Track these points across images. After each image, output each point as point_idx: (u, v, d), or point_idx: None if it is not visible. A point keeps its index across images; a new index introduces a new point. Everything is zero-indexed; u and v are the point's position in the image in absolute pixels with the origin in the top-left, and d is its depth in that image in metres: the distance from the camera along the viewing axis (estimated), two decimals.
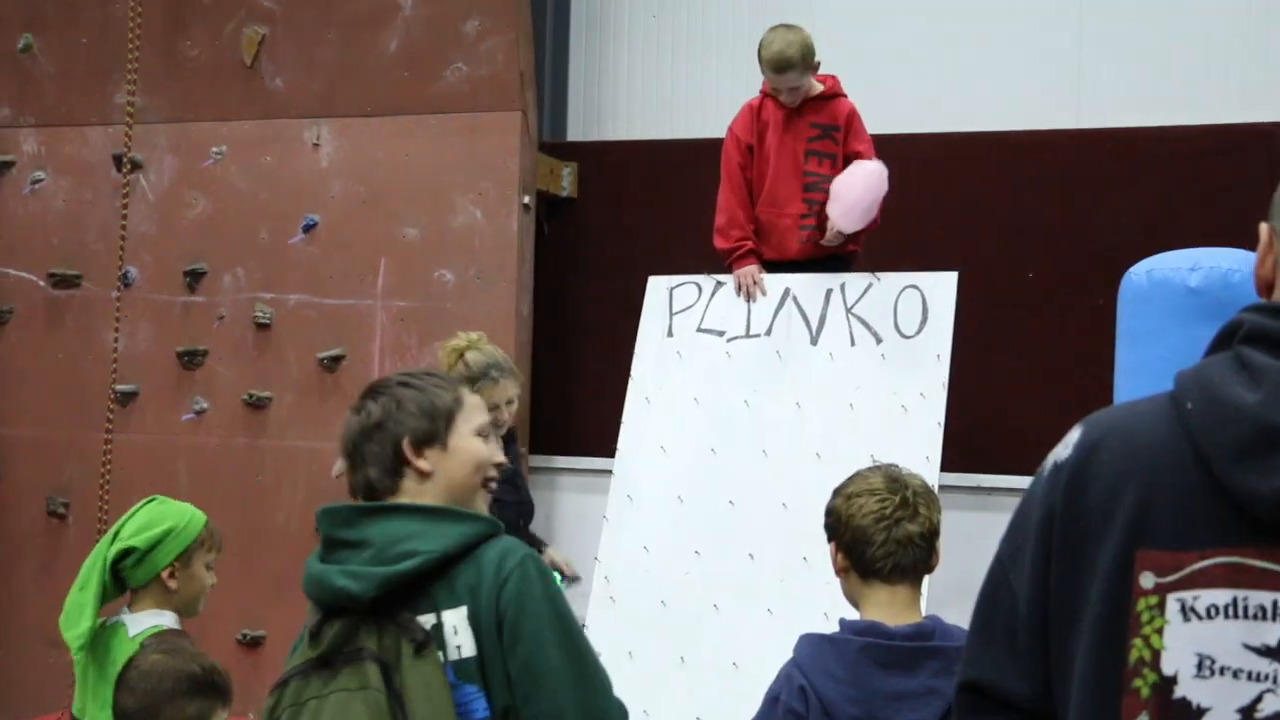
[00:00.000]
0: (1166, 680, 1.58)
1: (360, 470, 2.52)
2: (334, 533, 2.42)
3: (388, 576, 2.32)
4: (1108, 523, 1.63)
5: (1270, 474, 1.52)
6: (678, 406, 5.29)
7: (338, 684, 2.29)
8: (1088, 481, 1.66)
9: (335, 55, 6.76)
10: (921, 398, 4.98)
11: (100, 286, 6.97)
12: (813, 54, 5.21)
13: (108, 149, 7.00)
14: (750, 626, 4.80)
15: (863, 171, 5.19)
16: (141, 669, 2.90)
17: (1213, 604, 1.57)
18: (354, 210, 6.72)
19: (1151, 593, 1.59)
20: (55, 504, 7.04)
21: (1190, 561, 1.58)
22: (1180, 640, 1.58)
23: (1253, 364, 1.57)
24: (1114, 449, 1.66)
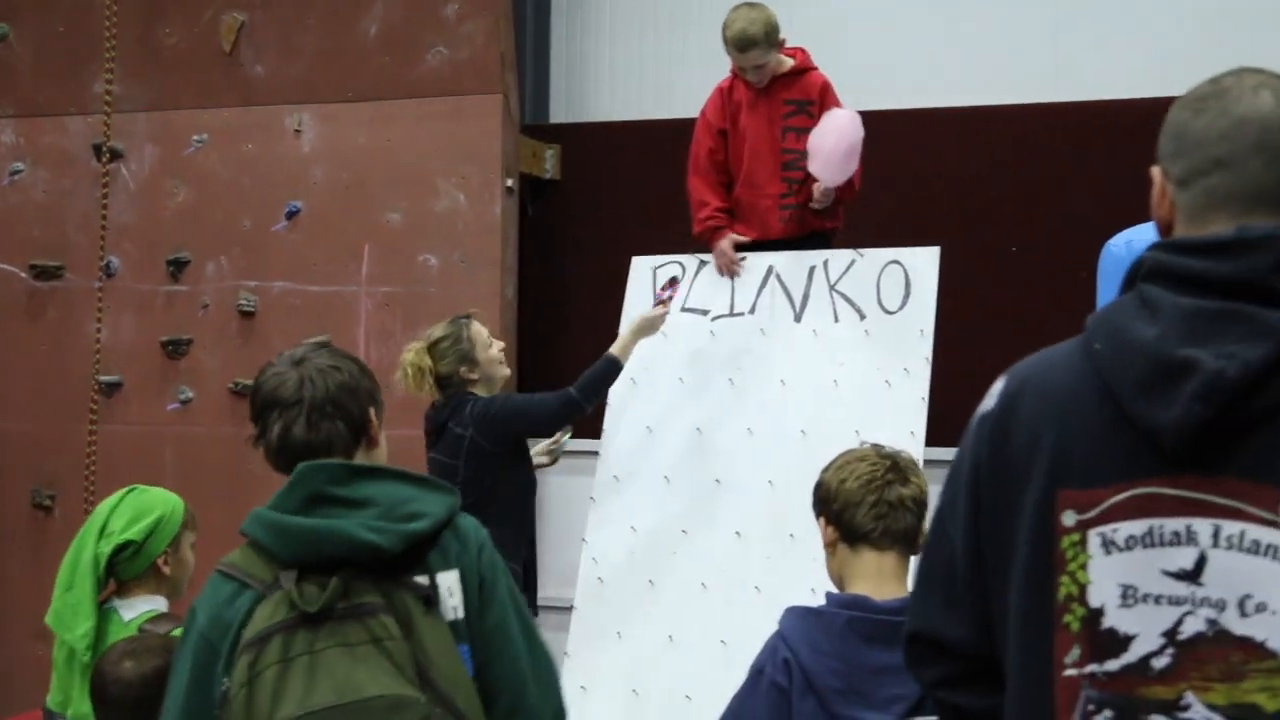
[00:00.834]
0: (1094, 612, 1.64)
1: (321, 425, 2.45)
2: (326, 490, 2.35)
3: (411, 534, 2.31)
4: (1030, 467, 1.69)
5: (1170, 405, 1.57)
6: (663, 386, 5.29)
7: (333, 639, 2.22)
8: (1010, 429, 1.72)
9: (315, 41, 6.74)
10: (905, 373, 4.98)
11: (82, 277, 6.95)
12: (777, 31, 5.17)
13: (87, 139, 6.97)
14: (738, 605, 4.81)
15: (834, 118, 5.15)
16: (123, 681, 2.88)
17: (1130, 535, 1.62)
18: (336, 196, 6.70)
19: (1073, 530, 1.65)
20: (41, 496, 7.03)
21: (1106, 496, 1.63)
22: (1104, 572, 1.63)
23: (1152, 300, 1.63)
24: (1032, 395, 1.72)
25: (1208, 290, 1.60)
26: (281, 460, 2.47)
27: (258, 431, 2.50)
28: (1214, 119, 1.69)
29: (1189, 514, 1.59)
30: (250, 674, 2.21)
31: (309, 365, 2.49)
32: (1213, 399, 1.56)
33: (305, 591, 2.25)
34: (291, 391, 2.46)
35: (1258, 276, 1.59)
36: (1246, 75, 1.72)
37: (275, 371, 2.50)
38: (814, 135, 5.15)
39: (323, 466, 2.38)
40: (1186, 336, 1.59)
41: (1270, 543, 1.56)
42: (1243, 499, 1.57)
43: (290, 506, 2.34)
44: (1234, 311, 1.58)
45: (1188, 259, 1.63)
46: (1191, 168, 1.70)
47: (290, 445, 2.46)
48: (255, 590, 2.32)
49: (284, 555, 2.32)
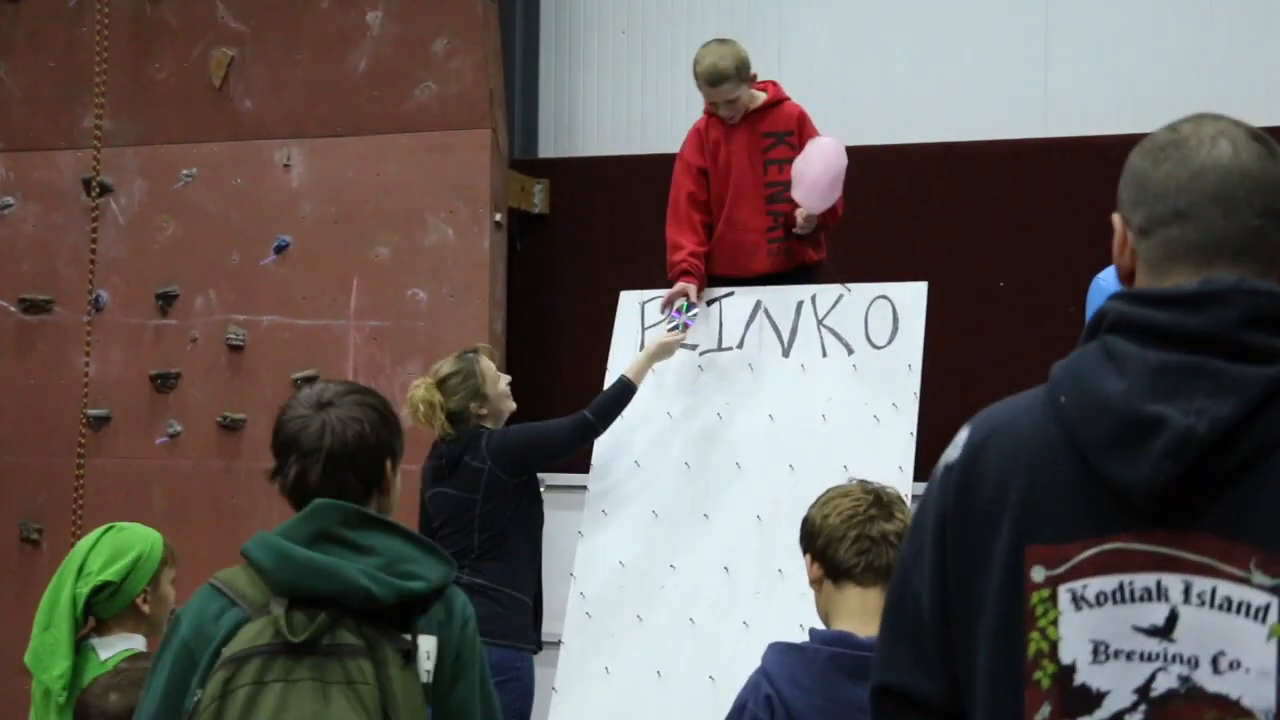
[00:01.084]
0: (1065, 669, 1.62)
1: (336, 476, 2.49)
2: (335, 529, 2.41)
3: (406, 591, 2.37)
4: (997, 521, 1.67)
5: (1140, 462, 1.57)
6: (651, 421, 5.29)
7: (308, 672, 2.29)
8: (975, 481, 1.70)
9: (304, 76, 6.76)
10: (894, 408, 4.99)
11: (71, 311, 6.94)
12: (748, 65, 5.17)
13: (77, 173, 6.98)
14: (726, 640, 4.79)
15: (819, 147, 5.15)
16: (107, 714, 2.87)
17: (1101, 591, 1.61)
18: (325, 230, 6.71)
19: (1043, 585, 1.63)
20: (29, 530, 7.00)
21: (1076, 552, 1.62)
22: (1074, 629, 1.62)
23: (1117, 353, 1.62)
24: (998, 447, 1.70)
25: (1174, 344, 1.60)
26: (294, 500, 2.52)
27: (275, 467, 2.56)
28: (1173, 169, 1.68)
29: (1159, 570, 1.59)
30: (223, 689, 2.27)
31: (332, 413, 2.52)
32: (1183, 456, 1.55)
33: (293, 621, 2.31)
34: (312, 439, 2.50)
35: (1224, 330, 1.58)
36: (1206, 123, 1.71)
37: (299, 415, 2.54)
38: (798, 162, 5.16)
39: (338, 507, 2.44)
40: (1154, 392, 1.58)
41: (1243, 600, 1.55)
42: (1214, 556, 1.57)
43: (298, 537, 2.40)
44: (1201, 366, 1.57)
45: (1152, 311, 1.62)
46: (1151, 218, 1.70)
47: (304, 490, 2.50)
48: (243, 611, 2.37)
49: (280, 582, 2.36)
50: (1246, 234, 1.65)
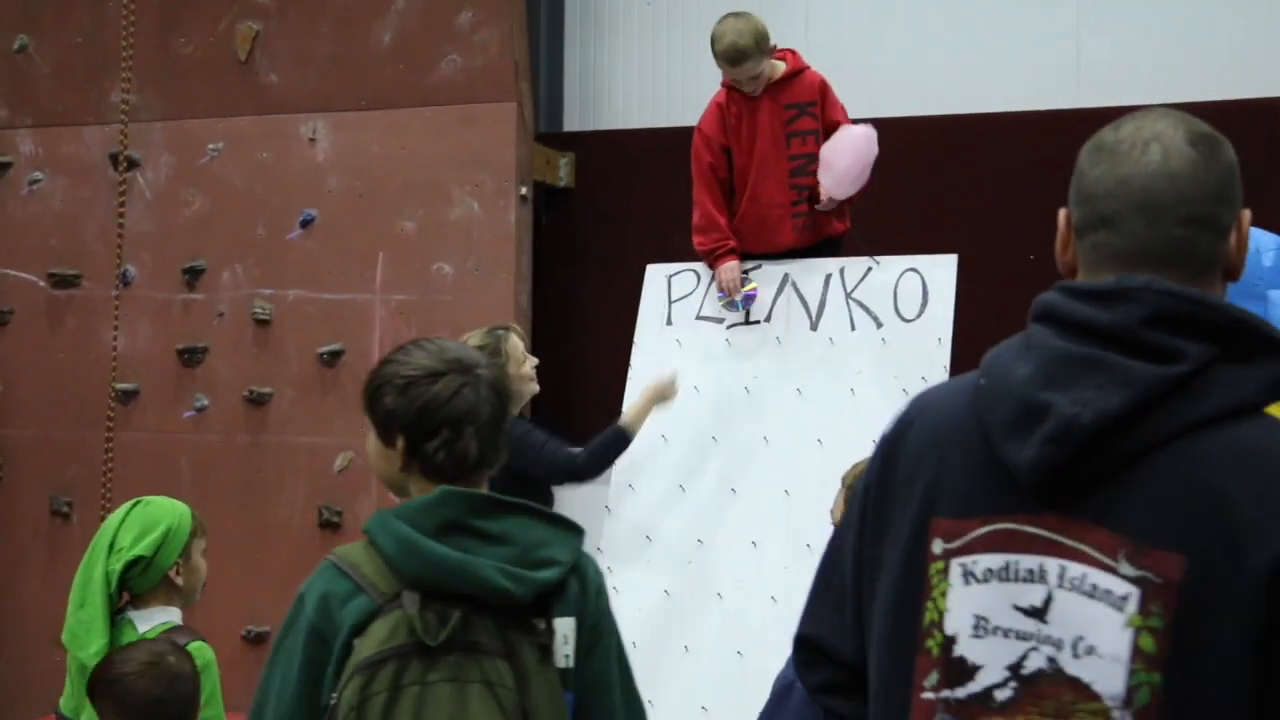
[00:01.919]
0: (949, 640, 1.68)
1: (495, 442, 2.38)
2: (467, 519, 2.29)
3: (542, 583, 2.29)
4: (909, 494, 1.74)
5: (1028, 444, 1.61)
6: (679, 395, 5.27)
7: (444, 673, 2.21)
8: (898, 456, 1.78)
9: (329, 49, 6.75)
10: (923, 381, 4.95)
11: (99, 285, 6.97)
12: (767, 38, 5.08)
13: (104, 148, 6.99)
14: (754, 614, 4.79)
15: (850, 137, 5.11)
16: (150, 696, 2.89)
17: (988, 568, 1.66)
18: (351, 204, 6.71)
19: (940, 558, 1.70)
20: (59, 503, 7.05)
21: (971, 528, 1.68)
22: (961, 602, 1.67)
23: (1033, 341, 1.67)
24: (922, 424, 1.78)
25: (1082, 336, 1.63)
26: (463, 468, 2.37)
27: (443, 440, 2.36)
28: (1104, 174, 1.70)
29: (1044, 553, 1.63)
30: (361, 697, 2.19)
31: (486, 374, 2.40)
32: (1064, 442, 1.59)
33: (427, 621, 2.23)
34: (488, 405, 2.37)
35: (1127, 326, 1.61)
36: (1147, 123, 1.71)
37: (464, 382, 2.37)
38: (827, 150, 5.11)
39: (467, 495, 2.32)
40: (1050, 380, 1.62)
41: (1106, 588, 1.59)
42: (1090, 544, 1.60)
43: (426, 527, 2.28)
44: (1098, 359, 1.61)
45: (1074, 304, 1.66)
46: (1084, 220, 1.72)
47: (480, 458, 2.38)
48: (372, 599, 2.27)
49: (409, 576, 2.26)
50: (1170, 243, 1.66)
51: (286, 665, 2.30)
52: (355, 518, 6.52)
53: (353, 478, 6.57)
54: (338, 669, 2.24)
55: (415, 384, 2.36)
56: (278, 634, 2.35)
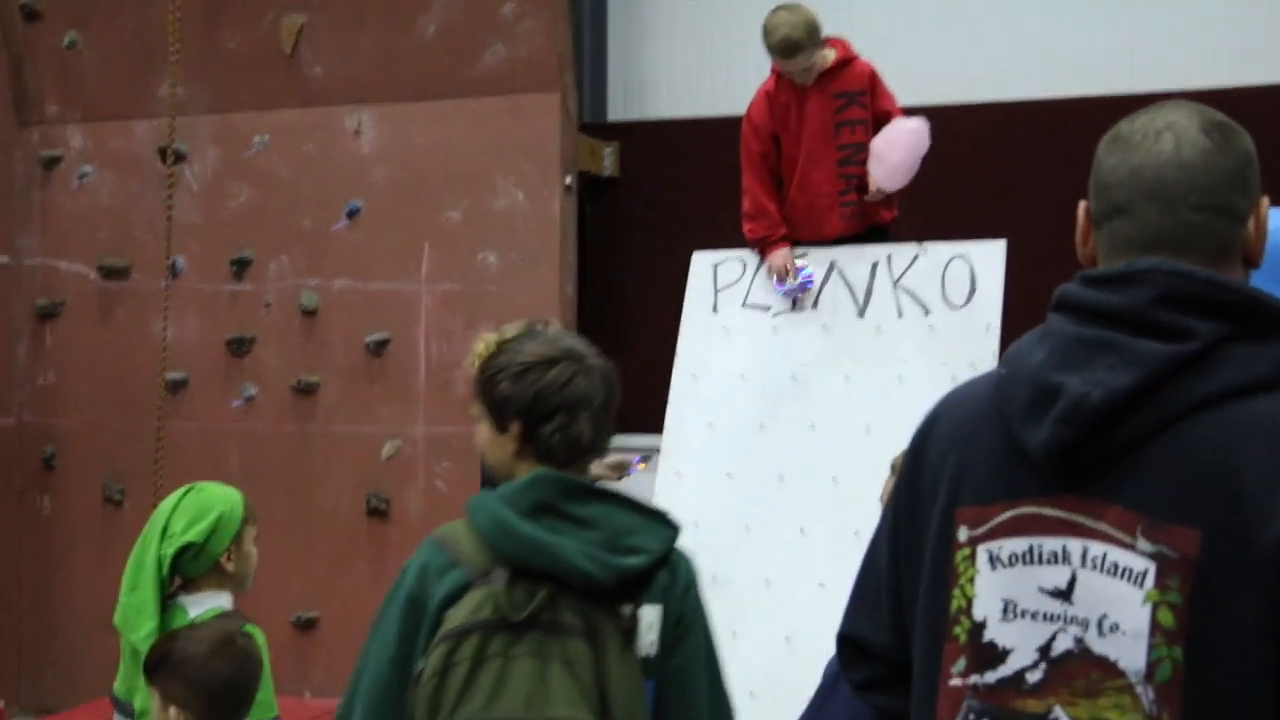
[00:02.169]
0: (978, 625, 1.70)
1: (604, 428, 2.45)
2: (558, 503, 2.35)
3: (626, 569, 2.33)
4: (937, 487, 1.77)
5: (1042, 426, 1.64)
6: (725, 383, 5.27)
7: (527, 649, 2.26)
8: (926, 452, 1.81)
9: (373, 41, 6.78)
10: (972, 369, 4.93)
11: (149, 277, 7.03)
12: (819, 29, 5.06)
13: (152, 142, 7.05)
14: (802, 601, 4.78)
15: (905, 130, 5.09)
16: (222, 676, 2.92)
17: (1013, 552, 1.68)
18: (396, 195, 6.74)
19: (965, 545, 1.72)
20: (111, 490, 7.12)
21: (995, 514, 1.70)
22: (988, 587, 1.69)
23: (1050, 329, 1.70)
24: (949, 419, 1.82)
25: (1095, 320, 1.66)
26: (571, 452, 2.43)
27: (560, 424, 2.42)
28: (1117, 163, 1.73)
29: (1066, 534, 1.65)
30: (444, 664, 2.27)
31: (590, 364, 2.47)
32: (1075, 422, 1.61)
33: (514, 597, 2.29)
34: (582, 391, 2.44)
35: (1137, 307, 1.63)
36: (1161, 114, 1.74)
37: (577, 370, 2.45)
38: (882, 142, 5.09)
39: (559, 479, 2.38)
40: (1063, 363, 1.65)
41: (1126, 566, 1.60)
42: (1109, 522, 1.62)
43: (521, 507, 2.34)
44: (1108, 340, 1.63)
45: (1088, 290, 1.68)
46: (1100, 210, 1.75)
47: (588, 443, 2.44)
48: (466, 573, 2.34)
49: (500, 552, 2.33)
50: (1184, 229, 1.68)
51: (385, 633, 2.40)
52: (402, 506, 6.55)
53: (399, 466, 6.61)
54: (429, 638, 2.32)
55: (530, 370, 2.45)
56: (380, 605, 2.45)
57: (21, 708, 7.13)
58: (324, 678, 6.69)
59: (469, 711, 2.23)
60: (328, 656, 6.69)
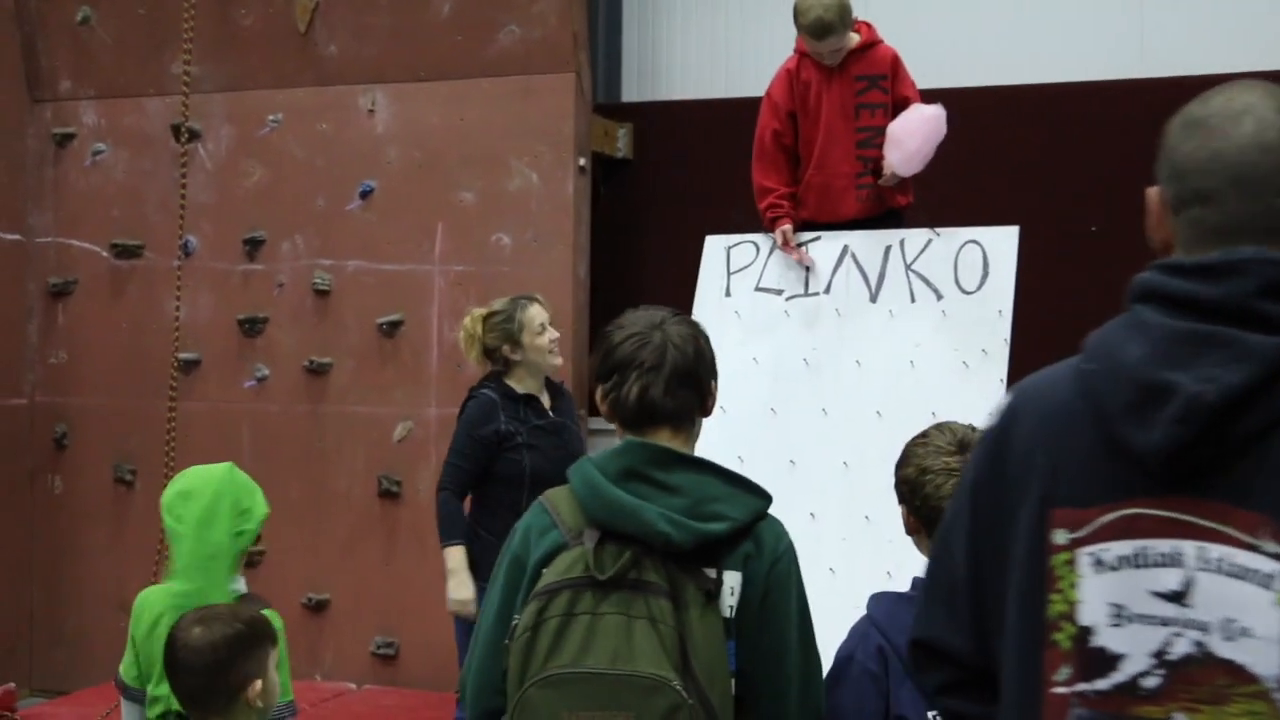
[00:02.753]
0: (1084, 630, 1.65)
1: (678, 392, 2.55)
2: (644, 469, 2.46)
3: (706, 534, 2.42)
4: (1024, 486, 1.71)
5: (1151, 427, 1.59)
6: (737, 366, 5.26)
7: (613, 605, 2.37)
8: (1007, 447, 1.75)
9: (388, 20, 6.76)
10: (984, 354, 4.92)
11: (161, 256, 7.03)
12: (850, 11, 5.11)
13: (166, 119, 7.04)
14: (813, 586, 4.71)
15: (922, 117, 5.10)
16: (190, 647, 2.91)
17: (1120, 555, 1.64)
18: (410, 175, 6.73)
19: (1064, 548, 1.67)
20: (123, 471, 7.13)
21: (1097, 516, 1.65)
22: (1094, 592, 1.65)
23: (1142, 321, 1.64)
24: (1029, 414, 1.75)
25: (1193, 312, 1.60)
26: (634, 417, 2.55)
27: (611, 385, 2.57)
28: (1195, 148, 1.68)
29: (1176, 535, 1.60)
30: (536, 619, 2.39)
31: (670, 331, 2.58)
32: (1192, 422, 1.56)
33: (601, 557, 2.40)
34: (653, 355, 2.55)
35: (1241, 299, 1.58)
36: (1237, 95, 1.69)
37: (635, 333, 2.58)
38: (899, 128, 5.09)
39: (647, 446, 2.50)
40: (1170, 359, 1.59)
41: (1252, 567, 1.55)
42: (1225, 522, 1.57)
43: (611, 472, 2.47)
44: (1216, 335, 1.58)
45: (1177, 281, 1.63)
46: (1178, 196, 1.70)
47: (647, 405, 2.54)
48: (561, 534, 2.48)
49: (591, 515, 2.46)
50: (1271, 215, 1.64)
51: (493, 589, 2.56)
52: (414, 487, 6.56)
53: (412, 447, 6.61)
54: (526, 594, 2.47)
55: (608, 338, 2.63)
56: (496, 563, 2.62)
57: (33, 689, 7.16)
58: (335, 661, 6.70)
59: (558, 664, 2.36)
60: (338, 639, 6.70)
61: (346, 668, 6.70)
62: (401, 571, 6.54)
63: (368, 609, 6.66)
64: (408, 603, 6.48)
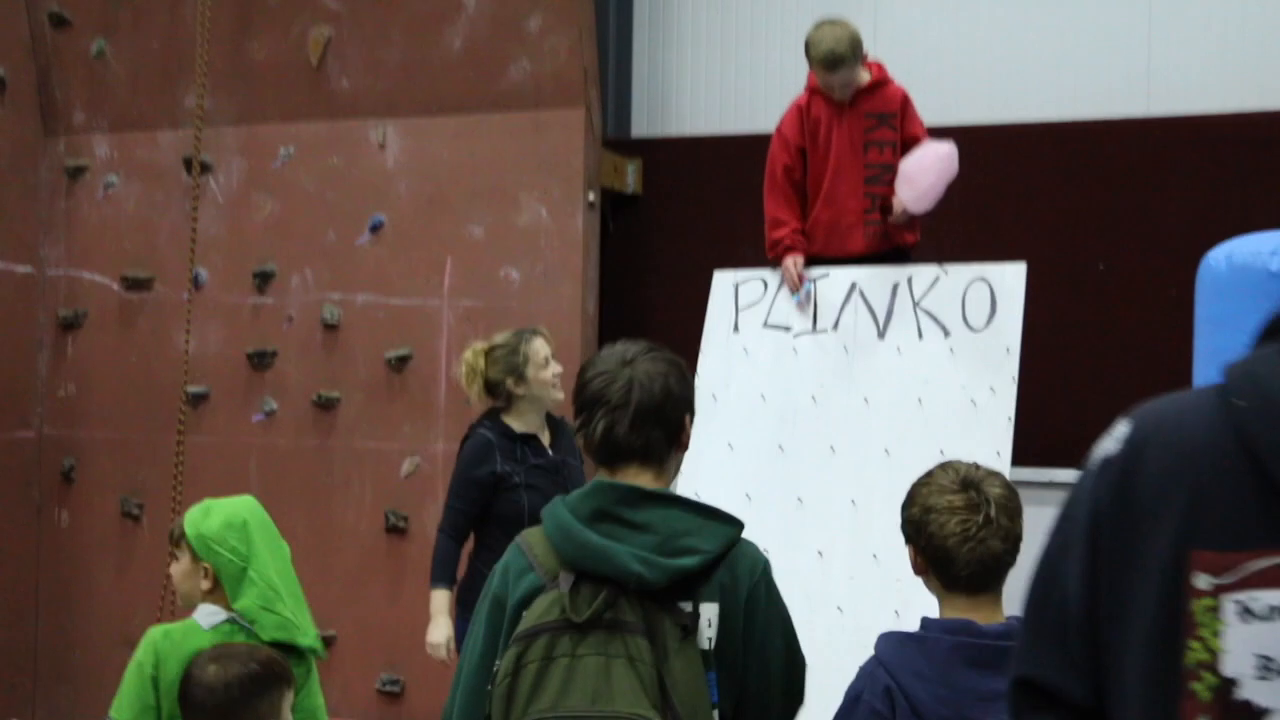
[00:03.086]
0: (1227, 682, 1.56)
1: (643, 429, 2.55)
2: (613, 509, 2.48)
3: (677, 569, 2.43)
4: (1158, 522, 1.61)
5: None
6: (744, 403, 5.26)
7: (591, 647, 2.39)
8: (1136, 479, 1.63)
9: (399, 55, 6.79)
10: (991, 392, 4.91)
11: (171, 289, 7.05)
12: (861, 45, 5.13)
13: (178, 152, 7.07)
14: (820, 625, 4.76)
15: (936, 155, 5.11)
16: (205, 685, 2.90)
17: (1271, 605, 1.55)
18: (420, 210, 6.75)
19: (1207, 594, 1.57)
20: (129, 505, 7.13)
21: (1245, 561, 1.55)
22: (1240, 641, 1.56)
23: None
24: (1162, 445, 1.63)
25: None
26: (601, 454, 2.59)
27: (580, 423, 2.61)
28: None
29: None
30: (516, 665, 2.42)
31: (639, 369, 2.58)
32: None
33: (576, 600, 2.42)
34: (618, 394, 2.56)
35: None
36: None
37: (603, 371, 2.59)
38: (912, 166, 5.10)
39: (615, 487, 2.52)
40: None
41: None
42: None
43: (581, 513, 2.49)
44: None
45: None
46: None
47: (612, 443, 2.56)
48: (539, 577, 2.50)
49: (565, 557, 2.48)
50: None
51: (476, 630, 2.59)
52: (421, 523, 6.55)
53: (419, 483, 6.60)
54: (508, 636, 2.49)
55: (581, 374, 2.65)
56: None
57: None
58: (340, 697, 6.67)
59: (539, 708, 2.37)
60: (344, 675, 6.67)
61: (352, 704, 6.67)
62: (408, 608, 6.52)
63: (374, 645, 6.64)
64: (414, 639, 6.44)
